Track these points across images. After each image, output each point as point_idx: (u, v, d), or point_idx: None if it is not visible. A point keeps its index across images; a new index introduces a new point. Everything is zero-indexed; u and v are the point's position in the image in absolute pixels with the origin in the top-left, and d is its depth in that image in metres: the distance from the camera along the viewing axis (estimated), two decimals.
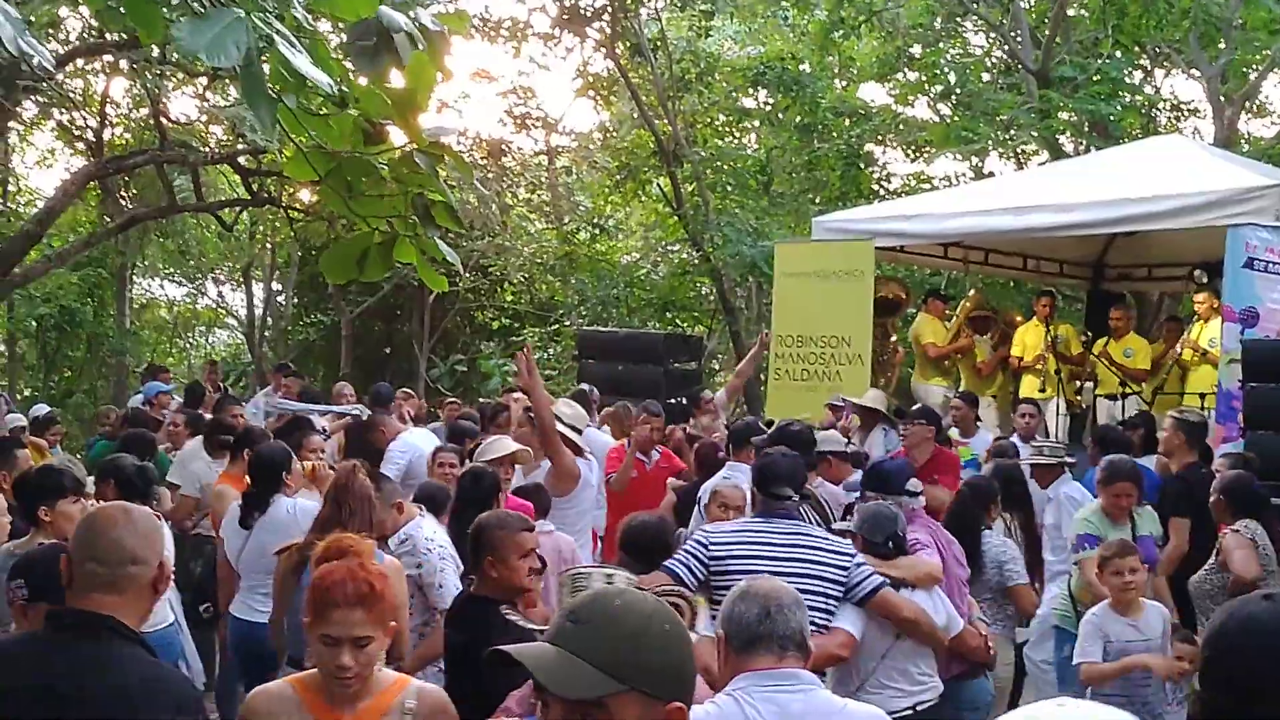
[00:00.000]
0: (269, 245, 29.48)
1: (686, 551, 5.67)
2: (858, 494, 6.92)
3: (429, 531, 6.72)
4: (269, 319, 30.85)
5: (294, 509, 7.23)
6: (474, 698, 4.24)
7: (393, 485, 6.97)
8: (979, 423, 12.49)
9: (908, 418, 10.63)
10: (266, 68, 3.45)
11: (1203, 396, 12.25)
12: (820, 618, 5.40)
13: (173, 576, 7.34)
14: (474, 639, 5.26)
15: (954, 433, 11.89)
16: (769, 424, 10.55)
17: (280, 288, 30.63)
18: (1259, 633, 2.66)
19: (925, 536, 6.33)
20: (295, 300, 30.18)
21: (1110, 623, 6.65)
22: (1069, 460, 9.63)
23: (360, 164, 3.87)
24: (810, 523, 6.45)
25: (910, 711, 5.74)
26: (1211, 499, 7.59)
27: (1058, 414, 14.00)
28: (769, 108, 25.24)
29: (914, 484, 6.61)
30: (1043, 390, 14.16)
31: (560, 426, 8.51)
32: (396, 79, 3.76)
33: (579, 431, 8.91)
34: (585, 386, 12.75)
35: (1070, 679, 6.91)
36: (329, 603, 3.61)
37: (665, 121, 22.71)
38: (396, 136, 4.00)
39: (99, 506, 3.98)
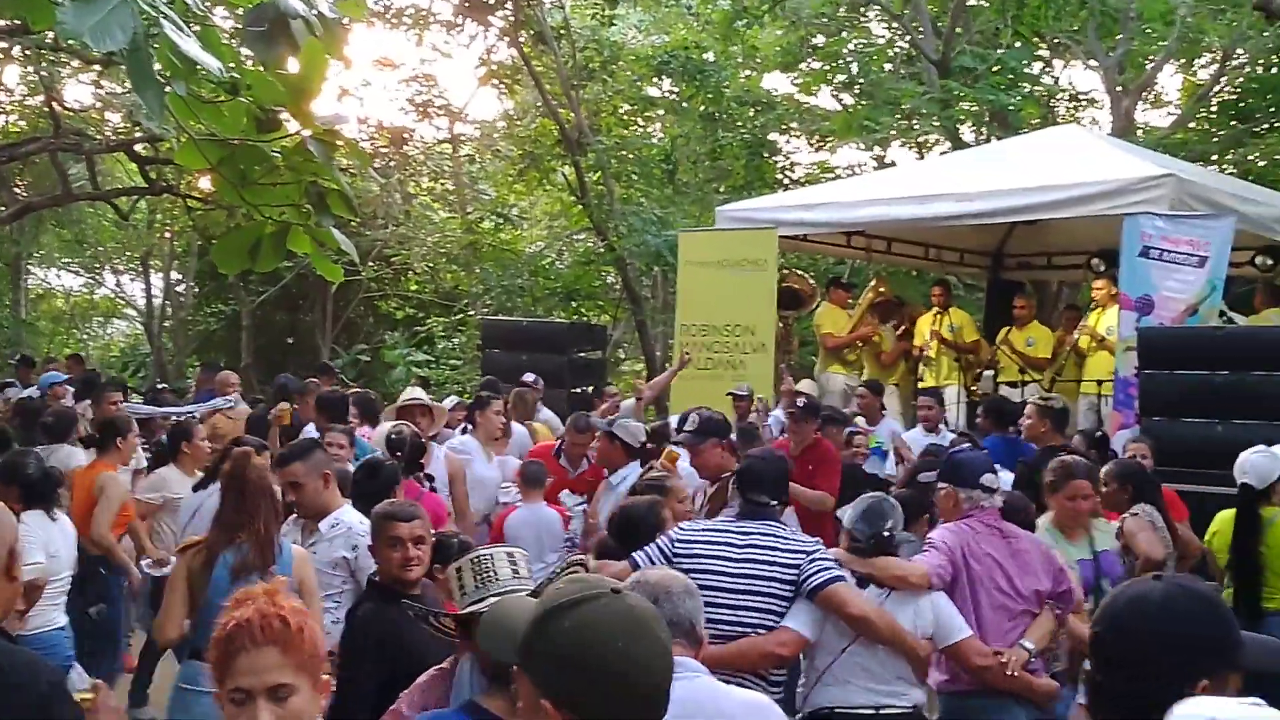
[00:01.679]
0: (168, 234, 29.06)
1: (656, 545, 5.63)
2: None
3: (362, 517, 6.65)
4: (168, 309, 30.41)
5: None
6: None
7: (322, 455, 6.85)
8: (884, 411, 12.58)
9: (795, 414, 10.56)
10: (155, 53, 3.37)
11: (1100, 383, 12.45)
12: (769, 619, 5.39)
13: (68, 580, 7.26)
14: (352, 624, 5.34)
15: (860, 421, 11.96)
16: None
17: (179, 277, 30.24)
18: (1149, 615, 2.70)
19: (945, 537, 5.94)
20: (195, 290, 29.81)
21: None
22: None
23: (253, 152, 3.79)
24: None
25: (872, 712, 5.54)
26: (1105, 487, 7.64)
27: (957, 402, 14.14)
28: (673, 97, 25.27)
29: (989, 479, 6.12)
30: (920, 379, 14.35)
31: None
32: (294, 66, 3.69)
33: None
34: (529, 376, 12.79)
35: None
36: (234, 649, 2.79)
37: (569, 110, 22.66)
38: (292, 124, 3.92)
39: None
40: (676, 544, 5.61)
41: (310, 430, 10.25)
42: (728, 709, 3.64)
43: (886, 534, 5.78)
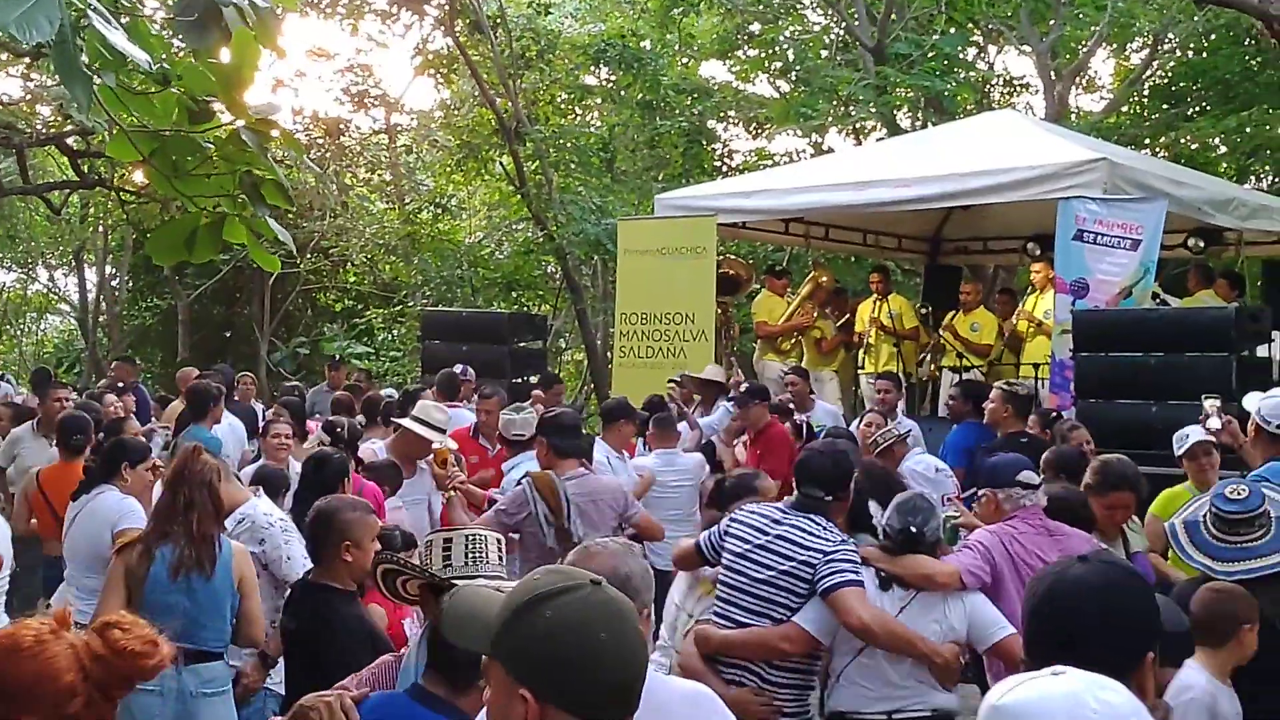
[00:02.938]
0: (101, 228, 28.71)
1: (718, 526, 5.68)
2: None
3: (266, 508, 6.60)
4: (103, 304, 30.07)
5: (120, 506, 6.99)
6: (314, 688, 4.15)
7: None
8: (813, 395, 12.60)
9: (741, 398, 10.65)
10: (85, 44, 3.33)
11: (1036, 367, 12.55)
12: (783, 613, 5.38)
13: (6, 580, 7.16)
14: (316, 628, 5.16)
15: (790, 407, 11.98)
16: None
17: (114, 272, 29.88)
18: (1094, 596, 2.73)
19: (981, 539, 5.73)
20: (130, 284, 29.47)
21: None
22: (902, 434, 9.78)
23: (185, 143, 3.75)
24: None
25: (885, 717, 5.41)
26: (1043, 474, 7.72)
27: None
28: (610, 85, 25.23)
29: (1027, 476, 5.99)
30: (861, 366, 14.43)
31: (420, 429, 8.54)
32: (227, 55, 3.66)
33: (442, 431, 8.82)
34: (458, 368, 12.73)
35: None
36: None
37: (506, 99, 22.56)
38: (226, 115, 3.88)
39: None
40: (730, 524, 5.63)
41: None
42: (664, 700, 3.46)
43: (915, 530, 5.57)
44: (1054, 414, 10.27)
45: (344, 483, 6.87)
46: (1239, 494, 5.26)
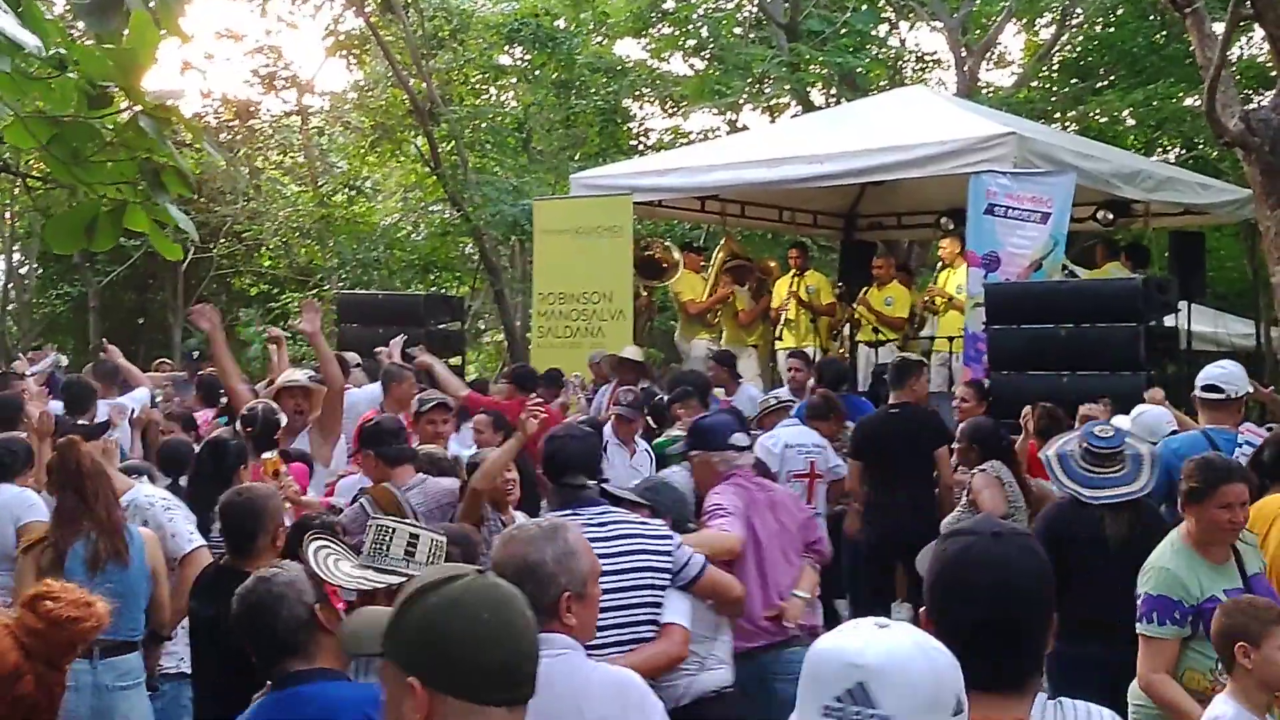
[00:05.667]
0: (8, 215, 28.22)
1: None
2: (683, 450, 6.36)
3: (148, 491, 6.57)
4: (11, 292, 29.56)
5: (21, 499, 6.83)
6: (223, 673, 4.13)
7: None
8: (740, 379, 12.60)
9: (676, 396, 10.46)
10: None
11: (950, 340, 12.67)
12: (640, 613, 4.87)
13: None
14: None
15: (720, 392, 11.94)
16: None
17: (22, 259, 29.38)
18: (1044, 576, 2.70)
19: (731, 500, 5.77)
20: (39, 272, 29.00)
21: None
22: (778, 405, 9.97)
23: (83, 129, 3.69)
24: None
25: (732, 686, 5.35)
26: (958, 445, 7.86)
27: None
28: (525, 65, 25.13)
29: (739, 438, 6.05)
30: (779, 339, 14.49)
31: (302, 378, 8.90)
32: None
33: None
34: (349, 355, 12.58)
35: None
36: None
37: (420, 80, 22.40)
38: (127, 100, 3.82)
39: None
40: None
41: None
42: (588, 687, 3.47)
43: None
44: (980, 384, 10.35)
45: (241, 470, 6.79)
46: (1106, 433, 6.12)
